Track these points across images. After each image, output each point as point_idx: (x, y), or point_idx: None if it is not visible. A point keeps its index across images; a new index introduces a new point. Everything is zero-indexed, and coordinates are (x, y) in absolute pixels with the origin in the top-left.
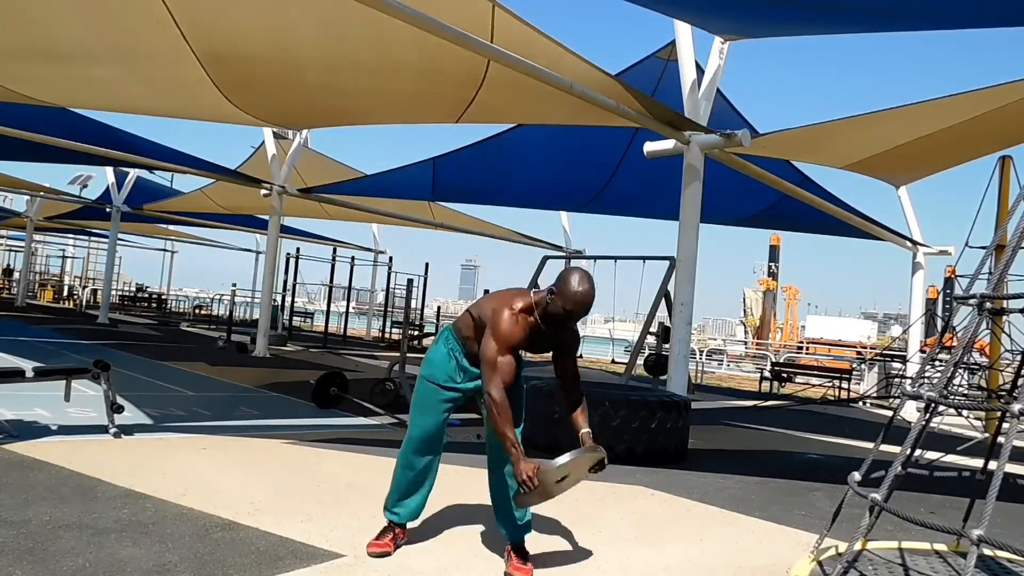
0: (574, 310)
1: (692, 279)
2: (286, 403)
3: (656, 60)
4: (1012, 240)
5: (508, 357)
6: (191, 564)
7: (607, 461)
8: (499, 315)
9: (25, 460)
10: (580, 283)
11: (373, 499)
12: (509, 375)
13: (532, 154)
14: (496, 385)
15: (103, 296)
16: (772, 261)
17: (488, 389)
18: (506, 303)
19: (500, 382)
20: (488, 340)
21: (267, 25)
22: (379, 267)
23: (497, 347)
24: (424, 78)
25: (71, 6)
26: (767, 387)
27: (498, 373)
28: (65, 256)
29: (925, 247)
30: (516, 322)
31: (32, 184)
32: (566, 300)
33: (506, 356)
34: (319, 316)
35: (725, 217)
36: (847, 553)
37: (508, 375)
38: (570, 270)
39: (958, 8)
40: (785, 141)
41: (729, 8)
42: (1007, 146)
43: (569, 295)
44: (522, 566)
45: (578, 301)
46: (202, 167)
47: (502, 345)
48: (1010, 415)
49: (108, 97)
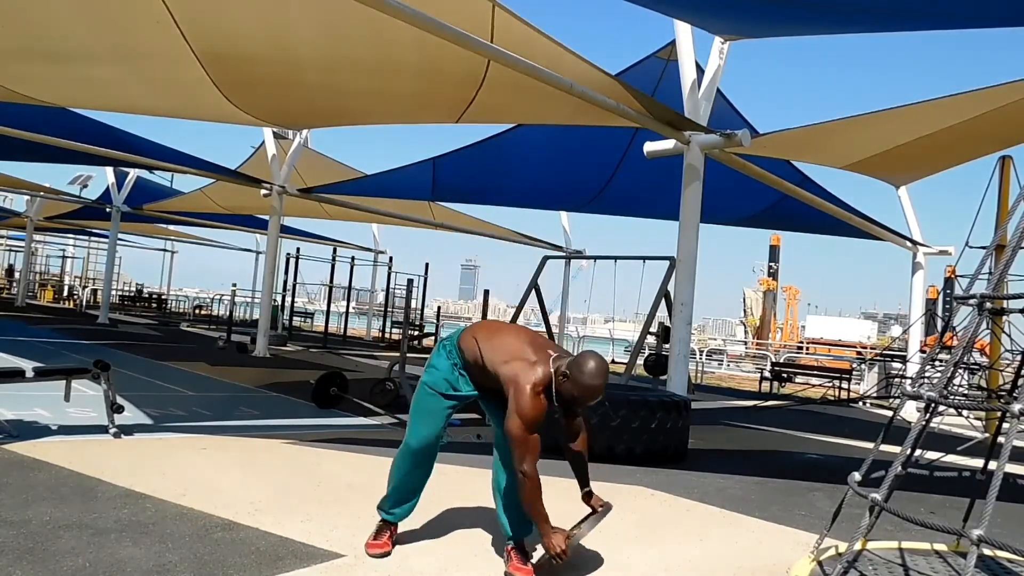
0: (583, 398)
1: (692, 279)
2: (286, 403)
3: (656, 60)
4: (1012, 240)
5: (536, 436)
6: (191, 564)
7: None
8: (522, 394)
9: (25, 460)
10: (594, 376)
11: (373, 499)
12: (537, 451)
13: (532, 154)
14: (528, 463)
15: (103, 296)
16: (772, 261)
17: (521, 468)
18: (525, 375)
19: (532, 459)
20: (514, 418)
21: (267, 25)
22: (379, 267)
23: (525, 427)
24: (424, 78)
25: (71, 6)
26: (767, 387)
27: (529, 451)
28: (65, 256)
29: (925, 247)
30: (539, 404)
31: (32, 184)
32: (576, 387)
33: (534, 435)
34: (319, 316)
35: (725, 217)
36: (847, 553)
37: (536, 451)
38: (586, 356)
39: (958, 8)
40: (785, 141)
41: (729, 8)
42: (1007, 146)
43: (582, 383)
44: (522, 566)
45: (590, 391)
46: (202, 167)
47: (530, 426)
48: (1010, 415)
49: (108, 97)
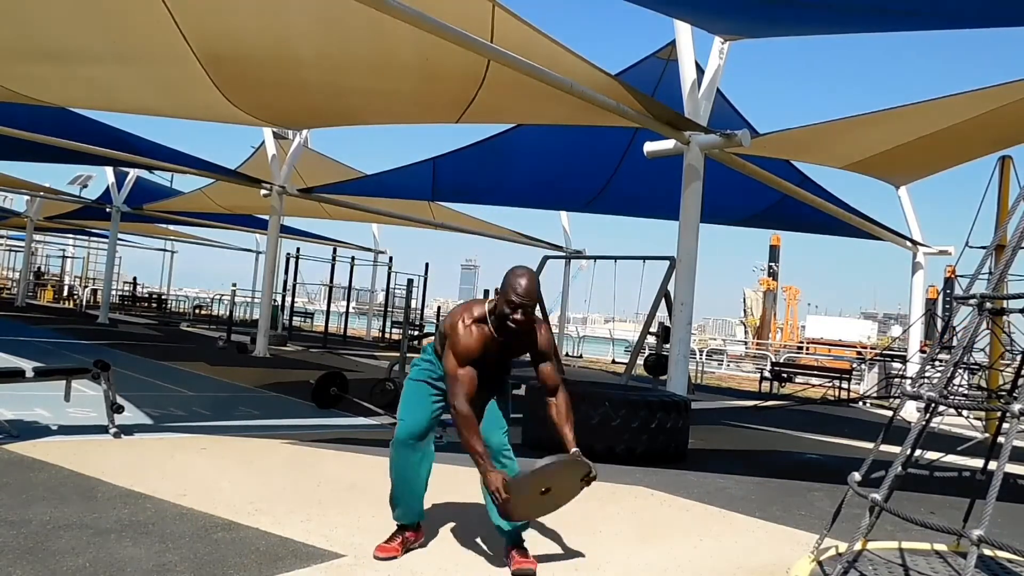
0: (519, 303)
1: (692, 279)
2: (286, 403)
3: (656, 60)
4: (1012, 240)
5: (467, 369)
6: (191, 564)
7: (594, 475)
8: (455, 330)
9: (25, 460)
10: (519, 276)
11: (373, 499)
12: (470, 385)
13: (532, 154)
14: (459, 397)
15: (103, 296)
16: (772, 261)
17: (452, 402)
18: (460, 315)
19: (463, 394)
20: (447, 354)
21: (267, 25)
22: (379, 267)
23: (455, 360)
24: (424, 78)
25: (71, 6)
26: (767, 387)
27: (459, 385)
28: (65, 256)
29: (925, 247)
30: (470, 334)
31: (32, 184)
32: (508, 295)
33: (465, 368)
34: (319, 316)
35: (725, 217)
36: (847, 553)
37: (469, 386)
38: (512, 268)
39: (958, 8)
40: (785, 141)
41: (729, 8)
42: (1007, 146)
43: (509, 289)
44: (525, 559)
45: (519, 293)
46: (202, 167)
47: (459, 358)
48: (1010, 415)
49: (108, 97)
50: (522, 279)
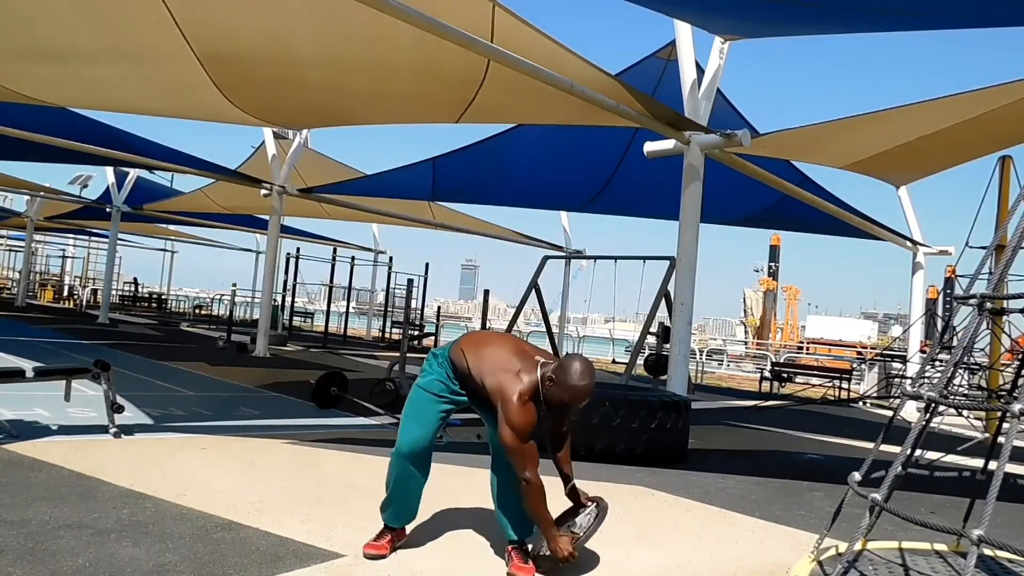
0: (571, 403)
1: (692, 279)
2: (286, 403)
3: (656, 60)
4: (1012, 240)
5: (532, 443)
6: (191, 564)
7: (599, 508)
8: (509, 404)
9: (25, 460)
10: (580, 377)
11: (373, 499)
12: (537, 456)
13: (532, 154)
14: (528, 470)
15: (103, 296)
16: (772, 261)
17: (524, 476)
18: (511, 386)
19: (532, 467)
20: (506, 429)
21: (267, 25)
22: (379, 267)
23: (518, 437)
24: (424, 78)
25: (71, 6)
26: (767, 387)
27: (527, 459)
28: (65, 256)
29: (925, 247)
30: (528, 412)
31: (32, 184)
32: (564, 391)
33: (529, 442)
34: (319, 316)
35: (725, 217)
36: (847, 553)
37: (536, 458)
38: (571, 359)
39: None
40: (785, 141)
41: (729, 8)
42: (1007, 146)
43: (568, 387)
44: (524, 565)
45: (576, 395)
46: (202, 167)
47: (522, 435)
48: (1010, 415)
49: (108, 97)
50: (584, 380)
